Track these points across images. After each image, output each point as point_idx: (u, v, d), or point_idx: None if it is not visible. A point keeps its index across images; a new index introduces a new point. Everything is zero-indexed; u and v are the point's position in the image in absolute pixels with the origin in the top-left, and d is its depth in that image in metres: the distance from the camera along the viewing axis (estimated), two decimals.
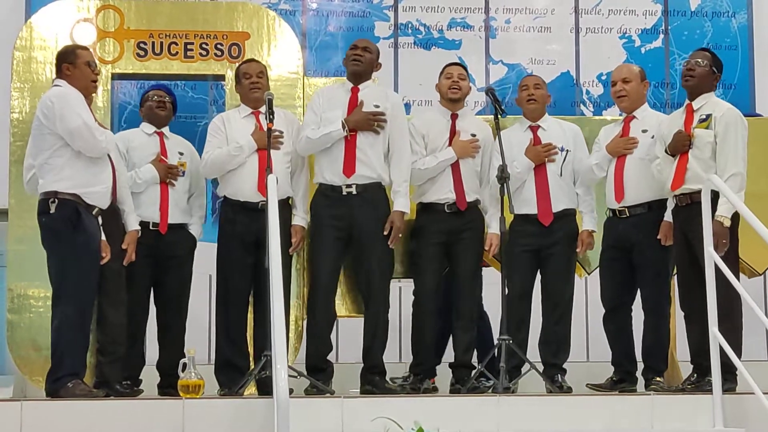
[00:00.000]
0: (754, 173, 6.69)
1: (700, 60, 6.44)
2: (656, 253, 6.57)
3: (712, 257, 5.72)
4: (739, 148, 6.23)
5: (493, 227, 6.83)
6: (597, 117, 8.89)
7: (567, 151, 6.90)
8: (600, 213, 6.87)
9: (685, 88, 6.51)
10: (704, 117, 6.31)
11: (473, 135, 6.91)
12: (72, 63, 6.15)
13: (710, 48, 7.33)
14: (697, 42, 9.70)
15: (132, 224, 6.50)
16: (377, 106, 6.74)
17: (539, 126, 6.98)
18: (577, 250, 6.84)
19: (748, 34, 9.84)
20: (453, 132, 6.90)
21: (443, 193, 6.81)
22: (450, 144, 6.86)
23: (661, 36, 9.84)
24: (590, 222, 6.87)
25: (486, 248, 6.85)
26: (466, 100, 7.06)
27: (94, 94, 6.40)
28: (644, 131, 6.71)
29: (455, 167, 6.83)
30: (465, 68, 7.11)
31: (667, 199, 6.55)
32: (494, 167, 6.75)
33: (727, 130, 6.23)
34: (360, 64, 6.82)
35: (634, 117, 6.78)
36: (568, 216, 6.85)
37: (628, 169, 6.66)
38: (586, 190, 6.91)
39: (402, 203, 6.68)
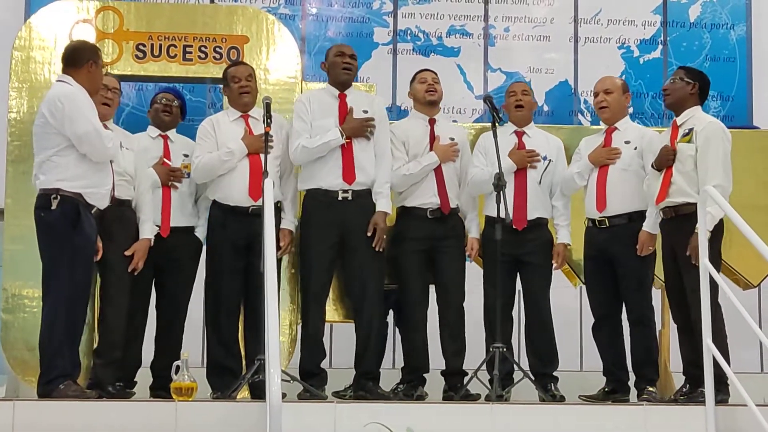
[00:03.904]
0: (751, 185, 6.71)
1: (674, 78, 6.56)
2: (637, 264, 6.61)
3: (706, 269, 5.73)
4: (719, 160, 6.26)
5: (473, 231, 6.89)
6: (594, 126, 8.88)
7: (549, 161, 6.94)
8: (578, 224, 6.89)
9: (667, 108, 6.64)
10: (687, 131, 6.40)
11: (452, 139, 6.93)
12: (96, 62, 6.11)
13: (709, 60, 7.37)
14: (695, 53, 9.71)
15: (146, 232, 6.50)
16: (366, 112, 6.76)
17: (524, 132, 7.02)
18: (553, 262, 6.86)
19: (747, 46, 9.84)
20: (432, 137, 6.92)
21: (427, 197, 6.82)
22: (431, 149, 6.87)
23: (660, 47, 9.84)
24: (566, 235, 6.91)
25: (468, 253, 6.88)
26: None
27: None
28: (627, 142, 6.77)
29: (438, 171, 6.85)
30: (436, 74, 7.13)
31: (646, 211, 6.60)
32: (474, 171, 6.79)
33: (708, 142, 6.29)
34: (350, 73, 6.84)
35: (616, 128, 6.85)
36: (541, 225, 6.89)
37: (611, 179, 6.71)
38: (564, 202, 6.95)
39: (384, 204, 6.70)
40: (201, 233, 6.87)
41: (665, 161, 6.39)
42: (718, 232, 6.21)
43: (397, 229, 6.88)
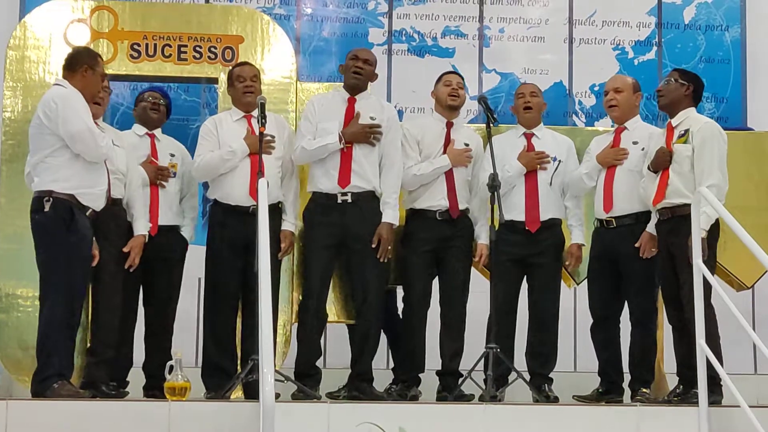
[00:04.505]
0: (745, 187, 6.72)
1: (668, 79, 6.56)
2: (642, 265, 6.59)
3: (700, 270, 5.74)
4: (715, 161, 6.27)
5: (482, 237, 6.85)
6: (589, 128, 8.90)
7: (559, 161, 6.93)
8: (588, 224, 6.89)
9: (661, 110, 6.62)
10: (683, 132, 6.40)
11: (466, 144, 6.93)
12: (92, 68, 6.14)
13: (703, 61, 7.37)
14: (690, 55, 9.73)
15: (140, 229, 6.51)
16: (373, 118, 6.74)
17: (533, 134, 7.01)
18: (566, 263, 6.87)
19: (741, 47, 9.85)
20: (448, 140, 6.91)
21: (436, 199, 6.81)
22: (445, 152, 6.87)
23: (655, 48, 9.85)
24: (579, 235, 6.90)
25: (476, 258, 6.87)
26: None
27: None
28: (635, 143, 6.74)
29: (449, 175, 6.83)
30: (462, 78, 7.13)
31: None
32: (484, 177, 6.76)
33: (704, 143, 6.30)
34: (360, 78, 6.81)
35: (625, 128, 6.82)
36: (554, 226, 6.88)
37: (617, 179, 6.69)
38: (576, 203, 6.94)
39: (391, 215, 6.67)
40: (186, 232, 6.89)
41: (661, 163, 6.39)
42: (713, 234, 6.21)
43: (406, 230, 6.87)
